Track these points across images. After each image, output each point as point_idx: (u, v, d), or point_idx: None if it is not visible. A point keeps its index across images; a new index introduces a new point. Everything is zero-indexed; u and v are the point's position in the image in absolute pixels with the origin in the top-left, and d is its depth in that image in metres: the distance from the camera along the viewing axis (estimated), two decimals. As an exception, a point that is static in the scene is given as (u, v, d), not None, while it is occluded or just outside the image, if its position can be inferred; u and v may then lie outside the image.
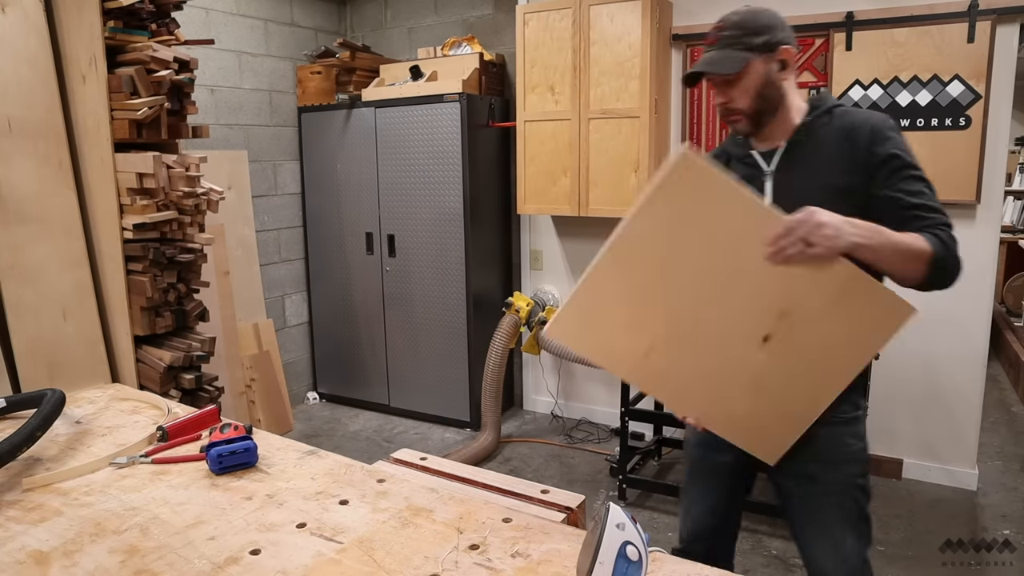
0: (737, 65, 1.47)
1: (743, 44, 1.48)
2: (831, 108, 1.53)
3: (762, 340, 1.36)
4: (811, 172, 1.50)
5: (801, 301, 1.34)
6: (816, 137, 1.51)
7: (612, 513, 0.97)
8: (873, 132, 1.45)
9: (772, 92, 1.51)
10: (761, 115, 1.52)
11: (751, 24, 1.48)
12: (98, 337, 2.57)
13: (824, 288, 1.33)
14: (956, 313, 3.24)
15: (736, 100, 1.51)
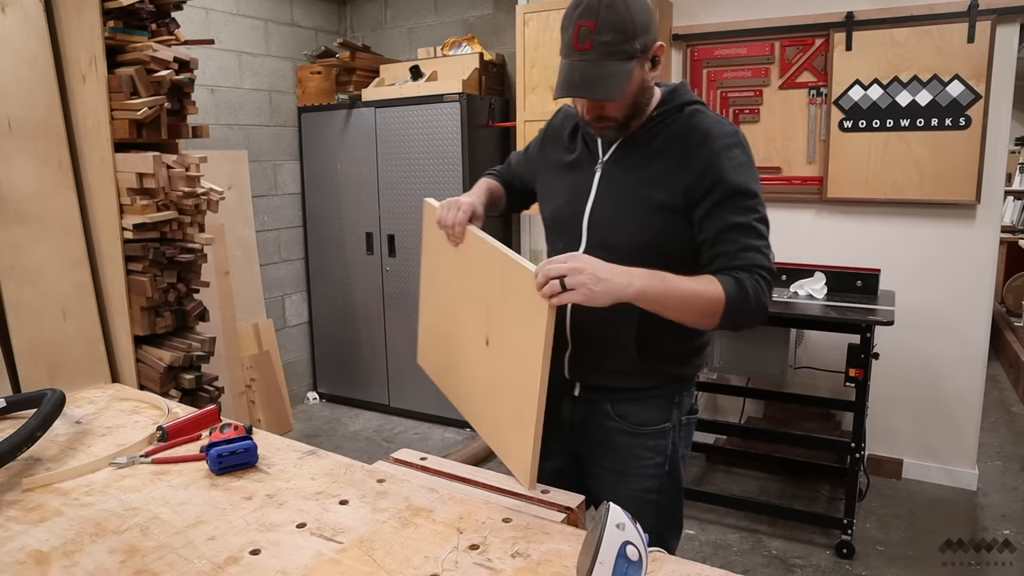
0: (622, 83, 1.27)
1: (622, 53, 1.26)
2: (682, 105, 1.39)
3: (484, 343, 1.38)
4: (639, 175, 1.37)
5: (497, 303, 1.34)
6: (658, 134, 1.38)
7: (612, 513, 0.97)
8: (713, 143, 1.31)
9: (645, 96, 1.36)
10: (631, 121, 1.38)
11: (630, 25, 1.25)
12: (98, 337, 2.57)
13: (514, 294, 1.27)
14: (956, 313, 3.24)
15: (610, 111, 1.33)
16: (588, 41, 1.25)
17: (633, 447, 1.47)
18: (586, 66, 1.26)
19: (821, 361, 3.49)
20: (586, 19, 1.25)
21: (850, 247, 3.38)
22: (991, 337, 3.38)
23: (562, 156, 1.51)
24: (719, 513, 3.13)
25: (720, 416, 3.84)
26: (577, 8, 1.27)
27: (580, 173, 1.46)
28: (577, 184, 1.45)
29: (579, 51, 1.26)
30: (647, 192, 1.36)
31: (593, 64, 1.26)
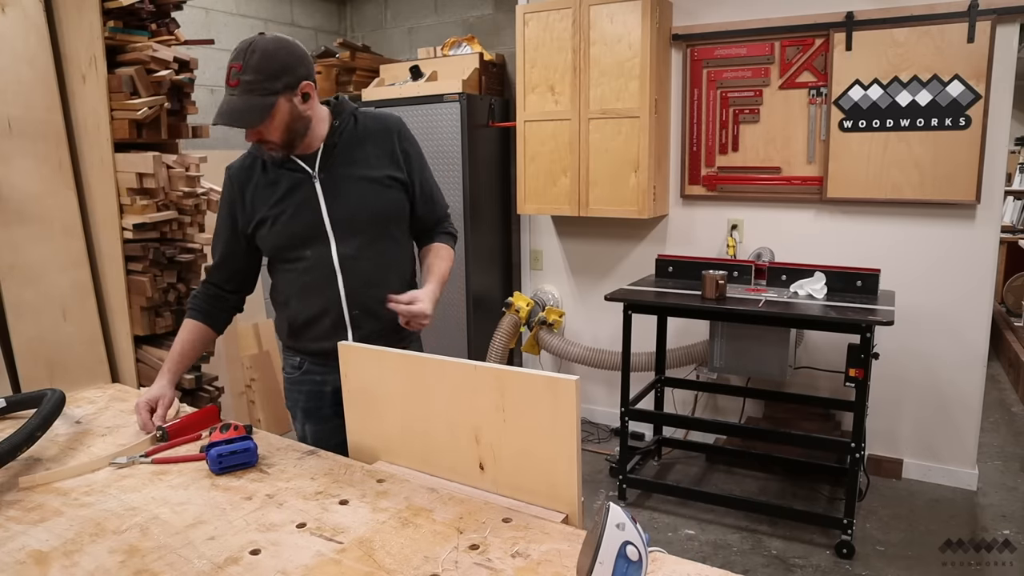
0: (261, 115, 1.52)
1: (264, 90, 1.51)
2: (353, 112, 1.74)
3: None
4: (351, 169, 1.69)
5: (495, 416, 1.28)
6: (349, 138, 1.70)
7: (612, 513, 0.97)
8: (399, 130, 1.75)
9: (300, 124, 1.61)
10: (293, 141, 1.62)
11: (269, 68, 1.51)
12: (98, 337, 2.57)
13: None
14: (956, 313, 3.24)
15: (267, 135, 1.57)
16: (235, 80, 1.51)
17: None
18: (233, 100, 1.52)
19: (821, 361, 3.49)
20: (235, 61, 1.52)
21: (850, 247, 3.38)
22: (991, 337, 3.38)
23: (272, 193, 1.70)
24: (719, 513, 3.13)
25: (720, 416, 3.84)
26: (233, 53, 1.54)
27: (301, 192, 1.69)
28: (304, 201, 1.68)
29: (230, 87, 1.53)
30: (367, 174, 1.70)
31: (238, 98, 1.52)
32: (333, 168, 1.69)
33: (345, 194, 1.69)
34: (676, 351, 3.72)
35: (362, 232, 1.70)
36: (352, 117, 1.73)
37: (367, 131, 1.73)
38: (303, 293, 1.74)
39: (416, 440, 1.39)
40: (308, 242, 1.70)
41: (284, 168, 1.69)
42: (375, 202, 1.70)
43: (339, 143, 1.69)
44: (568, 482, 1.20)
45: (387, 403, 1.42)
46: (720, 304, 2.92)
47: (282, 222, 1.69)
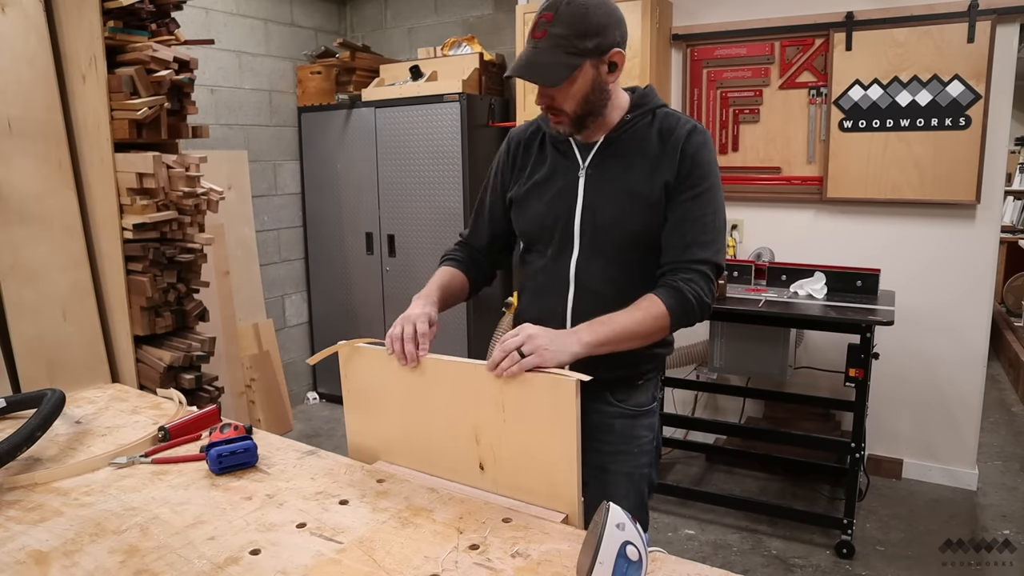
0: (564, 74, 1.35)
1: (573, 48, 1.33)
2: (654, 108, 1.49)
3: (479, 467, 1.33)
4: (622, 172, 1.46)
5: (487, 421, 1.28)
6: (634, 136, 1.47)
7: (612, 513, 0.97)
8: (687, 138, 1.43)
9: (599, 97, 1.42)
10: (585, 118, 1.43)
11: (583, 25, 1.32)
12: (98, 337, 2.57)
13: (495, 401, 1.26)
14: (956, 313, 3.24)
15: (561, 103, 1.40)
16: (543, 31, 1.34)
17: (632, 427, 1.57)
18: (536, 53, 1.35)
19: (821, 361, 3.49)
20: (547, 10, 1.34)
21: (850, 247, 3.38)
22: (991, 337, 3.38)
23: (535, 170, 1.55)
24: (719, 513, 3.13)
25: (720, 416, 3.84)
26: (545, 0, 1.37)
27: (561, 182, 1.50)
28: (560, 193, 1.50)
29: (534, 39, 1.35)
30: (633, 185, 1.45)
31: (542, 52, 1.34)
32: (605, 166, 1.47)
33: (604, 201, 1.46)
34: (676, 351, 3.71)
35: (609, 248, 1.46)
36: (651, 114, 1.48)
37: (657, 133, 1.46)
38: (535, 292, 1.58)
39: (416, 440, 1.39)
40: (552, 239, 1.52)
41: (559, 151, 1.52)
42: (630, 219, 1.44)
43: (622, 139, 1.47)
44: (568, 482, 1.20)
45: (387, 403, 1.42)
46: (720, 304, 2.92)
47: (533, 206, 1.53)
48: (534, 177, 1.54)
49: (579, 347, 1.28)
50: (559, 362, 1.23)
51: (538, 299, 1.57)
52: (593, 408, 1.51)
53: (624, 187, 1.45)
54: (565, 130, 1.45)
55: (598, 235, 1.47)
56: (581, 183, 1.48)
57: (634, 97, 1.50)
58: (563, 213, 1.49)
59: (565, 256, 1.50)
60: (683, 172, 1.42)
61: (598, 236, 1.47)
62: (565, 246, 1.50)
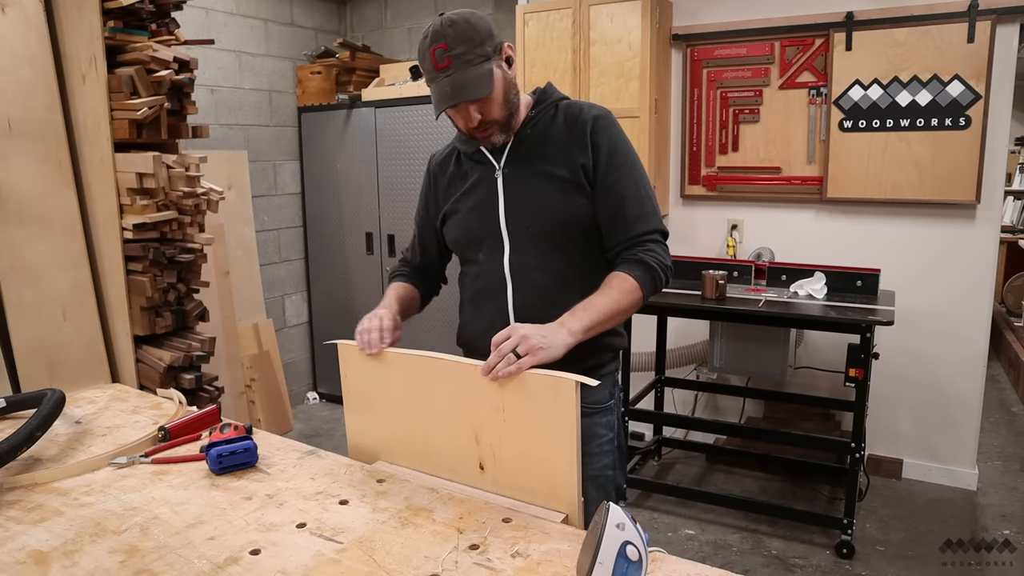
0: (487, 81, 1.38)
1: (478, 57, 1.37)
2: (556, 101, 1.53)
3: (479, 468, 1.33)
4: (538, 165, 1.49)
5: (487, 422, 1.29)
6: (542, 130, 1.51)
7: (612, 513, 0.97)
8: (593, 123, 1.47)
9: (514, 93, 1.46)
10: (510, 120, 1.47)
11: (474, 34, 1.37)
12: (98, 337, 2.57)
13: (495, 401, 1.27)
14: (956, 313, 3.24)
15: (489, 113, 1.42)
16: (445, 59, 1.37)
17: (592, 426, 1.50)
18: (452, 79, 1.37)
19: (821, 361, 3.49)
20: (436, 42, 1.37)
21: (850, 247, 3.38)
22: (991, 337, 3.38)
23: (457, 186, 1.59)
24: (719, 513, 3.13)
25: (720, 416, 3.84)
26: (426, 39, 1.39)
27: (483, 187, 1.54)
28: (484, 198, 1.54)
29: (440, 70, 1.38)
30: (548, 175, 1.48)
31: (457, 75, 1.37)
32: (519, 163, 1.51)
33: (524, 194, 1.49)
34: (676, 351, 3.72)
35: (539, 239, 1.49)
36: (554, 107, 1.52)
37: (563, 122, 1.51)
38: (475, 301, 1.60)
39: (416, 440, 1.39)
40: (483, 243, 1.54)
41: (474, 160, 1.56)
42: (553, 205, 1.47)
43: (531, 135, 1.51)
44: (568, 482, 1.20)
45: (387, 403, 1.42)
46: (720, 304, 2.92)
47: (461, 217, 1.57)
48: (458, 191, 1.59)
49: (571, 337, 1.30)
50: (554, 357, 1.24)
51: (479, 305, 1.58)
52: None
53: (540, 177, 1.49)
54: (499, 139, 1.48)
55: (525, 228, 1.50)
56: (500, 183, 1.52)
57: (536, 95, 1.55)
58: (489, 215, 1.52)
59: (497, 256, 1.52)
60: (599, 156, 1.47)
61: (525, 229, 1.50)
62: (495, 247, 1.52)
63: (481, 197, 1.54)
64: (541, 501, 1.23)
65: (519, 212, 1.50)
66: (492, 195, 1.52)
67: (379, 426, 1.44)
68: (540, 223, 1.48)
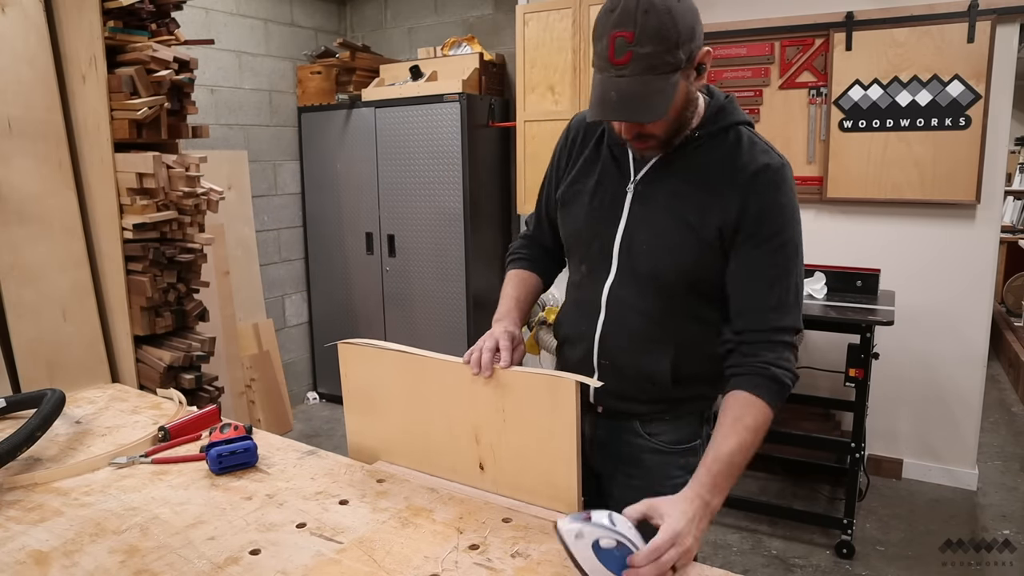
0: (667, 103, 1.12)
1: (665, 65, 1.10)
2: (731, 125, 1.27)
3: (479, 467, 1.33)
4: (675, 196, 1.26)
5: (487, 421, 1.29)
6: (698, 156, 1.26)
7: (563, 531, 0.97)
8: (755, 174, 1.22)
9: (690, 109, 1.22)
10: (675, 137, 1.24)
11: (673, 32, 1.09)
12: (98, 337, 2.57)
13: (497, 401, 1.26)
14: (956, 313, 3.24)
15: (652, 128, 1.19)
16: (626, 54, 1.09)
17: (664, 466, 1.38)
18: (625, 83, 1.10)
19: (821, 361, 3.49)
20: (623, 28, 1.08)
21: (850, 247, 3.37)
22: (991, 337, 3.38)
23: (584, 171, 1.38)
24: (719, 513, 3.10)
25: (720, 416, 3.83)
26: (612, 13, 1.10)
27: (607, 193, 1.33)
28: (605, 205, 1.33)
29: (616, 66, 1.10)
30: (684, 218, 1.25)
31: (633, 80, 1.10)
32: (657, 185, 1.28)
33: (650, 224, 1.27)
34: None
35: (646, 278, 1.29)
36: (724, 133, 1.26)
37: (727, 155, 1.24)
38: (572, 305, 1.44)
39: (416, 440, 1.39)
40: (588, 254, 1.36)
41: (612, 154, 1.33)
42: (676, 251, 1.25)
43: (684, 156, 1.26)
44: (568, 482, 1.20)
45: (387, 403, 1.42)
46: (720, 304, 2.92)
47: (576, 212, 1.37)
48: (581, 179, 1.37)
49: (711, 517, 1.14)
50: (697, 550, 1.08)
51: (574, 314, 1.43)
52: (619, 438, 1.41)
53: (674, 213, 1.25)
54: (653, 153, 1.27)
55: (636, 261, 1.30)
56: (628, 199, 1.30)
57: (710, 107, 1.27)
58: (605, 228, 1.33)
59: (600, 278, 1.34)
60: (751, 216, 1.22)
61: (636, 262, 1.30)
62: (602, 266, 1.34)
63: (602, 202, 1.33)
64: (541, 501, 1.23)
65: (637, 240, 1.29)
66: (616, 207, 1.32)
67: (379, 426, 1.44)
68: (655, 263, 1.28)
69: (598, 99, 1.14)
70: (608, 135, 1.35)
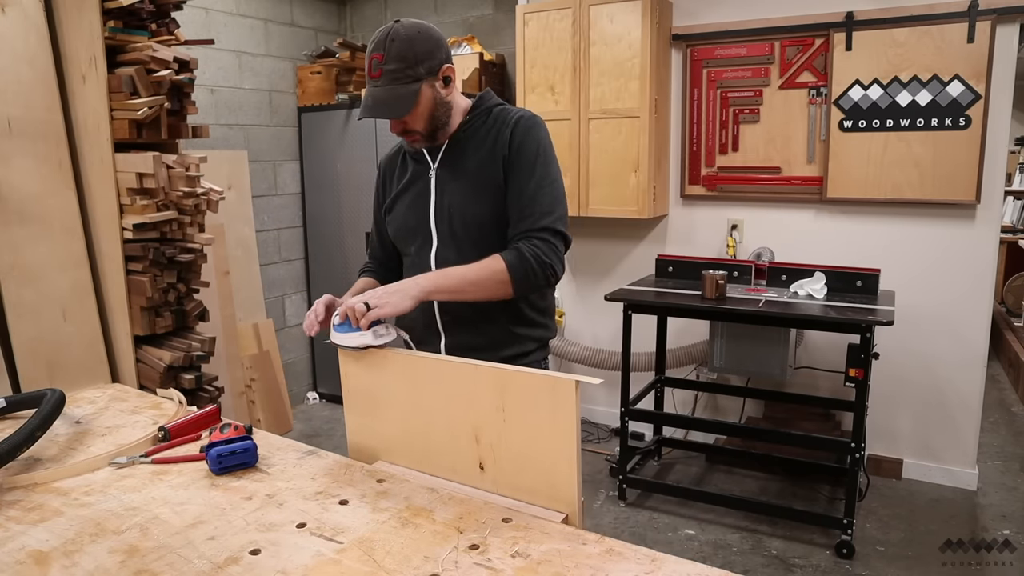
0: (409, 103, 1.49)
1: (408, 77, 1.48)
2: (491, 107, 1.63)
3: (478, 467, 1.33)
4: (466, 167, 1.60)
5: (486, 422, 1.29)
6: (475, 135, 1.61)
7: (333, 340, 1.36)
8: (515, 124, 1.57)
9: (443, 111, 1.57)
10: (435, 132, 1.58)
11: (411, 54, 1.48)
12: (98, 337, 2.57)
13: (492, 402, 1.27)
14: (956, 313, 3.24)
15: (412, 125, 1.54)
16: (378, 70, 1.48)
17: None
18: (378, 91, 1.49)
19: (821, 361, 3.49)
20: (376, 52, 1.48)
21: (850, 247, 3.38)
22: (991, 337, 3.38)
23: (398, 182, 1.71)
24: (719, 513, 3.13)
25: (720, 416, 3.84)
26: (372, 43, 1.50)
27: (418, 185, 1.66)
28: (417, 194, 1.66)
29: (372, 79, 1.50)
30: (475, 176, 1.59)
31: (383, 89, 1.49)
32: (450, 165, 1.63)
33: (451, 193, 1.61)
34: (676, 351, 3.72)
35: (463, 236, 1.60)
36: (487, 113, 1.63)
37: (492, 125, 1.61)
38: None
39: (416, 440, 1.39)
40: (415, 238, 1.66)
41: (415, 160, 1.68)
42: (474, 205, 1.59)
43: (464, 138, 1.62)
44: (568, 482, 1.20)
45: (387, 403, 1.42)
46: (720, 304, 2.92)
47: (398, 213, 1.69)
48: (398, 187, 1.70)
49: (417, 290, 1.42)
50: (403, 307, 1.39)
51: None
52: None
53: (468, 177, 1.59)
54: (420, 145, 1.61)
55: (452, 225, 1.60)
56: (433, 182, 1.64)
57: (474, 100, 1.65)
58: (421, 212, 1.64)
59: (426, 251, 1.64)
60: (513, 152, 1.56)
61: (452, 226, 1.60)
62: (425, 241, 1.64)
63: (416, 194, 1.66)
64: (541, 501, 1.23)
65: (445, 210, 1.61)
66: (425, 193, 1.64)
67: (379, 426, 1.44)
68: (462, 222, 1.59)
69: (363, 104, 1.53)
70: (406, 148, 1.69)
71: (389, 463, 1.43)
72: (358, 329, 1.36)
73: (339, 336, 1.39)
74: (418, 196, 1.66)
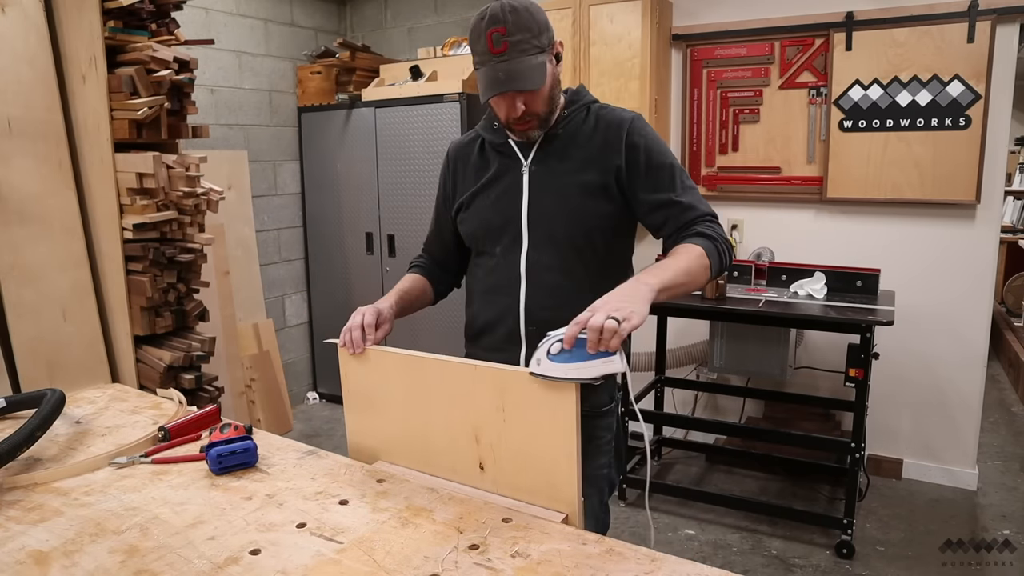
0: (542, 74, 1.39)
1: (535, 47, 1.38)
2: (589, 104, 1.54)
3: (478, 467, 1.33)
4: (567, 167, 1.49)
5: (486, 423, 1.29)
6: (572, 132, 1.51)
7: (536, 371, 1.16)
8: (629, 125, 1.48)
9: (559, 90, 1.49)
10: (551, 115, 1.48)
11: (534, 24, 1.38)
12: (98, 337, 2.57)
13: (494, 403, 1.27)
14: (956, 313, 3.24)
15: (532, 106, 1.43)
16: (503, 44, 1.36)
17: (591, 428, 1.49)
18: (507, 65, 1.36)
19: (821, 361, 3.49)
20: (495, 26, 1.36)
21: (850, 247, 3.38)
22: (991, 337, 3.38)
23: (479, 176, 1.58)
24: (719, 513, 3.13)
25: (720, 416, 3.84)
26: (483, 20, 1.38)
27: (506, 180, 1.54)
28: (507, 191, 1.53)
29: (496, 54, 1.37)
30: (577, 177, 1.48)
31: (512, 62, 1.36)
32: (547, 162, 1.51)
33: (550, 193, 1.49)
34: (676, 351, 3.72)
35: (559, 240, 1.49)
36: (586, 109, 1.53)
37: (595, 125, 1.51)
38: (486, 295, 1.60)
39: (416, 440, 1.39)
40: (501, 237, 1.54)
41: (498, 152, 1.55)
42: (579, 207, 1.48)
43: (561, 135, 1.50)
44: (568, 482, 1.20)
45: (387, 403, 1.42)
46: (720, 304, 2.92)
47: (479, 209, 1.57)
48: (479, 182, 1.57)
49: (649, 292, 1.24)
50: (644, 315, 1.19)
51: (491, 299, 1.58)
52: None
53: (568, 178, 1.48)
54: (536, 134, 1.49)
55: (546, 227, 1.50)
56: (525, 179, 1.52)
57: (568, 95, 1.54)
58: (510, 210, 1.52)
59: (515, 252, 1.52)
60: (637, 156, 1.46)
61: (546, 228, 1.50)
62: (514, 242, 1.52)
63: (504, 190, 1.53)
64: (541, 501, 1.23)
65: (542, 210, 1.50)
66: (516, 190, 1.52)
67: (379, 426, 1.44)
68: (563, 224, 1.48)
69: (488, 82, 1.38)
70: (488, 139, 1.57)
71: (389, 463, 1.43)
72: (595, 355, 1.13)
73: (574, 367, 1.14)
74: (505, 193, 1.53)
